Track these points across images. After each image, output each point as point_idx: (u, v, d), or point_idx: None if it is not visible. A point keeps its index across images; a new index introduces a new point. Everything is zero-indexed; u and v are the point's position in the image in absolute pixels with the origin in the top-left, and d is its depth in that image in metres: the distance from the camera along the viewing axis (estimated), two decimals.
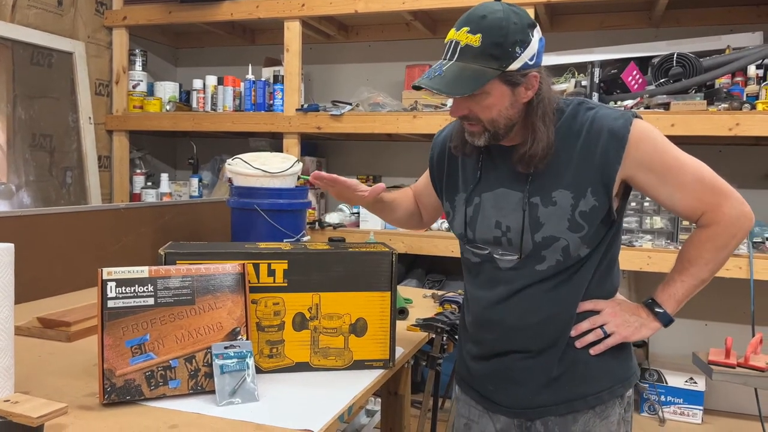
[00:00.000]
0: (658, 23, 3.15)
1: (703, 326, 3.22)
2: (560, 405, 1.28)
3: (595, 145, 1.20)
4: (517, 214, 1.24)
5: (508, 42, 1.14)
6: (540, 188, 1.23)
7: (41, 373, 1.33)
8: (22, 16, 3.15)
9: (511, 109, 1.20)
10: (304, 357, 1.39)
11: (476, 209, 1.30)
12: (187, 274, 1.24)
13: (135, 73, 3.71)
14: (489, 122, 1.21)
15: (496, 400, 1.34)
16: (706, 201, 1.21)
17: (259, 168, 2.25)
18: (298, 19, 3.26)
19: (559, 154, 1.22)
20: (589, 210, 1.20)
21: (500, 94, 1.18)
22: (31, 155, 3.21)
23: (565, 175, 1.22)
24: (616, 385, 1.29)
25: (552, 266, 1.23)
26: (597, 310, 1.27)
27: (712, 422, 3.05)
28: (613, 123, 1.20)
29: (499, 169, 1.29)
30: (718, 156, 3.07)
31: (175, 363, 1.21)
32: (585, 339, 1.26)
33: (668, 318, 1.26)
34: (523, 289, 1.26)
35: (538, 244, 1.22)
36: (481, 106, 1.19)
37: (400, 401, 1.90)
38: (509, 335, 1.28)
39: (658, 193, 1.23)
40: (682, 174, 1.21)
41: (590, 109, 1.24)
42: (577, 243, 1.21)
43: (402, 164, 3.75)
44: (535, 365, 1.28)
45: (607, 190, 1.20)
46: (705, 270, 1.24)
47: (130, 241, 2.40)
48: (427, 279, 3.46)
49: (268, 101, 3.44)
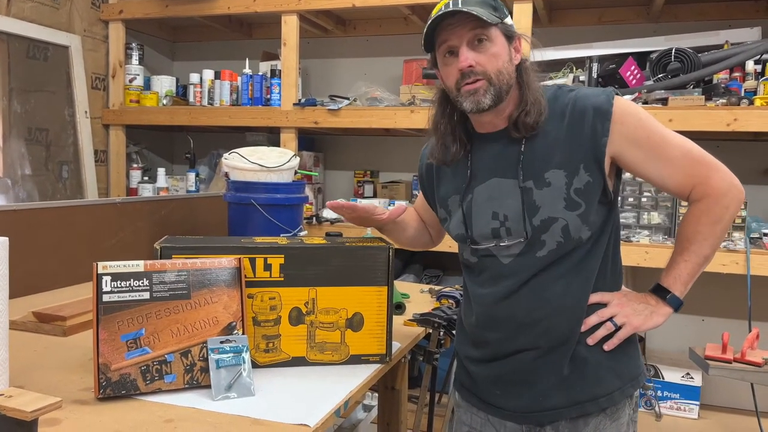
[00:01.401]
0: (656, 18, 3.15)
1: (700, 321, 3.23)
2: (571, 407, 1.24)
3: (581, 122, 1.21)
4: (513, 200, 1.23)
5: (499, 2, 1.23)
6: (531, 172, 1.23)
7: (37, 368, 1.32)
8: (17, 10, 3.13)
9: (509, 65, 1.23)
10: (300, 352, 1.39)
11: (470, 205, 1.29)
12: (183, 268, 1.24)
13: (131, 67, 3.69)
14: (495, 74, 1.21)
15: (503, 405, 1.30)
16: (695, 174, 1.21)
17: (256, 162, 2.24)
18: (296, 13, 3.25)
19: (547, 135, 1.23)
20: (583, 186, 1.20)
21: (502, 45, 1.22)
22: (27, 149, 3.20)
23: (555, 155, 1.22)
24: (627, 385, 1.26)
25: (553, 250, 1.21)
26: (604, 302, 1.25)
27: (709, 417, 3.06)
28: (596, 99, 1.21)
29: (487, 160, 1.29)
30: (717, 151, 3.00)
31: (170, 357, 1.21)
32: (596, 335, 1.23)
33: (678, 301, 1.24)
34: (529, 280, 1.23)
35: (537, 228, 1.21)
36: (487, 56, 1.21)
37: (397, 396, 1.89)
38: (518, 332, 1.25)
39: (646, 170, 1.23)
40: (670, 149, 1.21)
41: (570, 91, 1.26)
42: (577, 222, 1.20)
43: (399, 159, 3.74)
44: (545, 364, 1.24)
45: (599, 165, 1.20)
46: (705, 245, 1.23)
47: (127, 236, 2.40)
48: (424, 274, 3.46)
49: (266, 96, 3.43)
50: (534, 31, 2.93)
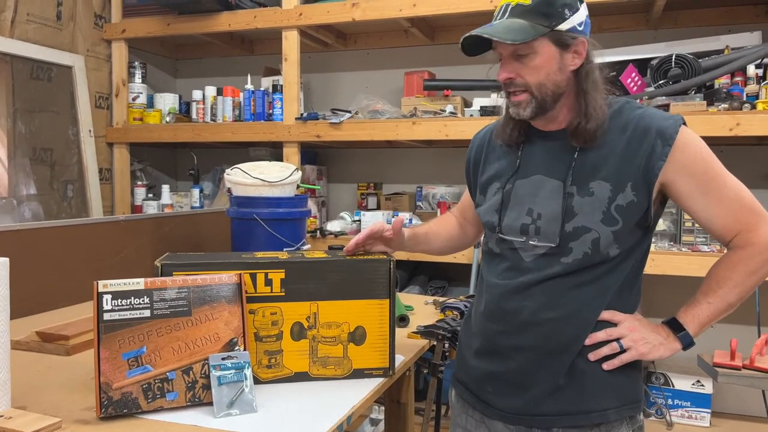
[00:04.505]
0: (656, 25, 3.15)
1: (710, 328, 3.19)
2: (563, 417, 1.22)
3: (641, 141, 1.18)
4: (552, 202, 1.22)
5: (558, 2, 1.16)
6: (578, 178, 1.21)
7: (40, 388, 1.32)
8: (21, 31, 3.17)
9: (560, 74, 1.19)
10: (302, 367, 1.38)
11: (508, 196, 1.28)
12: (183, 285, 1.24)
13: (135, 86, 3.72)
14: (536, 86, 1.19)
15: (494, 404, 1.29)
16: (743, 221, 1.18)
17: (258, 177, 2.24)
18: (296, 28, 3.27)
19: (603, 146, 1.21)
20: (626, 205, 1.18)
21: (549, 55, 1.18)
22: (32, 169, 3.22)
23: (606, 167, 1.20)
24: (625, 406, 1.24)
25: (578, 260, 1.20)
26: (614, 321, 1.23)
27: (721, 425, 3.02)
28: (662, 122, 1.19)
29: (538, 156, 1.28)
30: (720, 156, 3.02)
31: (172, 375, 1.20)
32: (599, 351, 1.22)
33: (689, 340, 1.22)
34: (545, 281, 1.22)
35: (568, 234, 1.19)
36: (528, 68, 1.19)
37: (403, 409, 1.88)
38: (520, 330, 1.23)
39: (695, 203, 1.20)
40: (723, 188, 1.19)
41: (638, 108, 1.23)
42: (609, 238, 1.18)
43: (402, 171, 3.73)
44: (541, 369, 1.22)
45: (648, 188, 1.18)
46: (733, 293, 1.20)
47: (130, 253, 2.40)
48: (429, 285, 3.44)
49: (268, 111, 3.45)
50: None
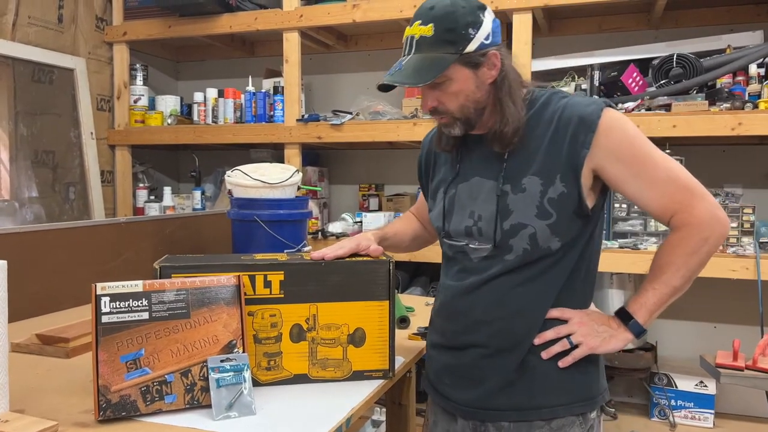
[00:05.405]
0: (657, 25, 3.14)
1: (712, 328, 3.18)
2: (513, 412, 1.25)
3: (565, 131, 1.19)
4: (489, 203, 1.24)
5: (460, 25, 1.17)
6: (511, 176, 1.23)
7: (39, 391, 1.32)
8: (22, 34, 3.17)
9: (478, 92, 1.22)
10: (302, 369, 1.37)
11: (451, 200, 1.32)
12: (182, 287, 1.23)
13: (136, 88, 3.72)
14: (458, 110, 1.22)
15: (450, 396, 1.33)
16: (678, 200, 1.17)
17: (258, 179, 2.24)
18: (297, 29, 3.27)
19: (531, 141, 1.22)
20: (557, 197, 1.19)
21: (463, 78, 1.20)
22: (33, 172, 3.22)
23: (535, 161, 1.21)
24: (576, 404, 1.24)
25: (519, 256, 1.22)
26: (564, 318, 1.23)
27: (724, 426, 3.01)
28: (584, 109, 1.19)
29: (474, 159, 1.31)
30: (723, 156, 3.05)
31: (170, 377, 1.20)
32: (551, 349, 1.23)
33: (639, 328, 1.21)
34: (492, 280, 1.25)
35: (506, 232, 1.21)
36: (447, 95, 1.21)
37: (404, 411, 1.87)
38: (473, 328, 1.27)
39: (627, 187, 1.19)
40: (654, 169, 1.18)
41: (563, 98, 1.24)
42: (546, 232, 1.19)
43: (403, 172, 3.74)
44: (492, 364, 1.26)
45: (575, 177, 1.18)
46: (676, 277, 1.18)
47: (131, 256, 2.40)
48: (431, 287, 3.44)
49: (269, 112, 3.45)
50: (535, 40, 2.93)
